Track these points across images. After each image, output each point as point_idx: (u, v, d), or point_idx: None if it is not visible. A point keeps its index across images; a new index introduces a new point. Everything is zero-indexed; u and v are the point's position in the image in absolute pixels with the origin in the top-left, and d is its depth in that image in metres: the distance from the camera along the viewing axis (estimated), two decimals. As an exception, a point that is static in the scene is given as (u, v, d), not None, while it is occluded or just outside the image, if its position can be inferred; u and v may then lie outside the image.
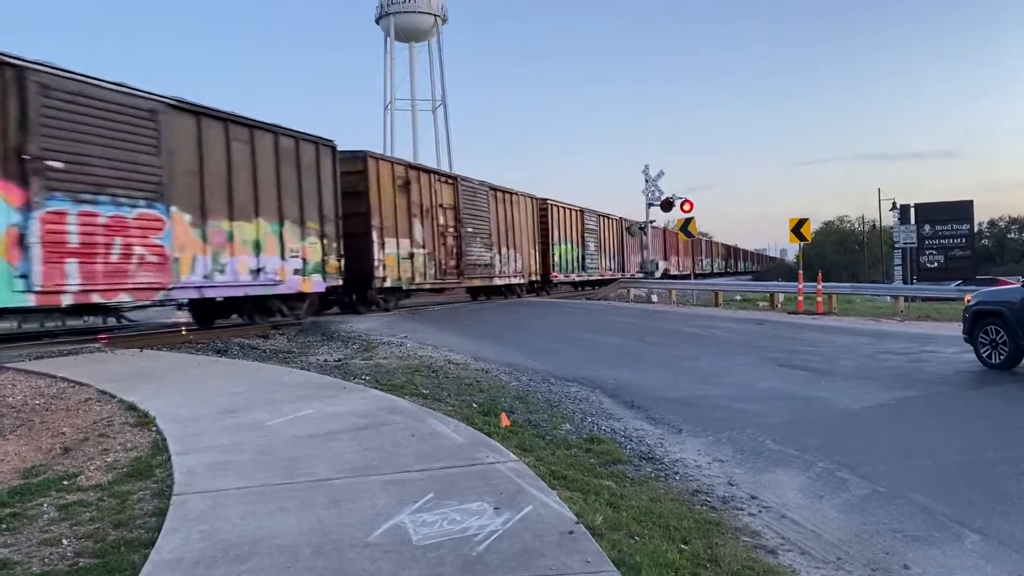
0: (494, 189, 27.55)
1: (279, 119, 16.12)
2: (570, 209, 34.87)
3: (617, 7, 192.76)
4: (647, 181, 36.24)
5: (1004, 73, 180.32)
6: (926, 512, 5.62)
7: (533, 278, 30.76)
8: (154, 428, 6.68)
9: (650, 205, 36.85)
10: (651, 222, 40.18)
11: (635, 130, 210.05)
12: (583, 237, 35.88)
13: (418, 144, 60.16)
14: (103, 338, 12.56)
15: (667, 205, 36.20)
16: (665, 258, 52.12)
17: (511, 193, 29.08)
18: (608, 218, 41.03)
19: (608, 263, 40.79)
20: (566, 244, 33.70)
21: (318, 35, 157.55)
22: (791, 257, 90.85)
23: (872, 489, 6.16)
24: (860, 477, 6.44)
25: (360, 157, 19.25)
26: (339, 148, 18.38)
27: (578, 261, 35.21)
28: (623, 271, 42.84)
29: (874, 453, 7.22)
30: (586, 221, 36.67)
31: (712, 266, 72.34)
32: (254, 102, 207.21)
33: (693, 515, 5.35)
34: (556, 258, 32.35)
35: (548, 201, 32.07)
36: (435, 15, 61.13)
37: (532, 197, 30.92)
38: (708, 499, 5.91)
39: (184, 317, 19.59)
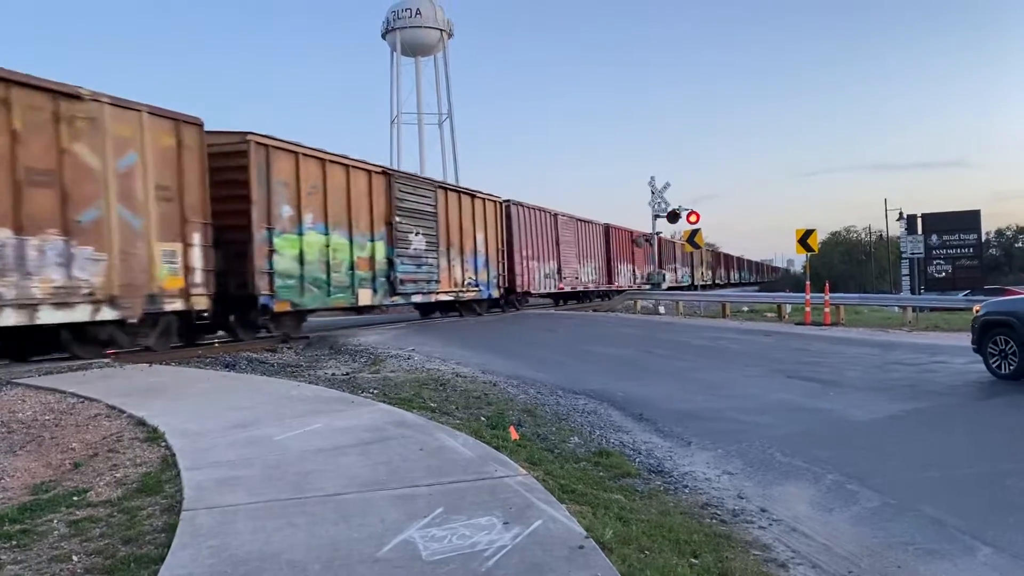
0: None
1: (286, 133, 14.90)
2: (333, 163, 17.85)
3: (622, 19, 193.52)
4: (653, 193, 36.33)
5: (1010, 82, 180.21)
6: (937, 524, 5.59)
7: (176, 304, 13.41)
8: (163, 443, 6.69)
9: (656, 217, 36.92)
10: (658, 233, 40.21)
11: (642, 142, 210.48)
12: (389, 224, 19.96)
13: (424, 157, 60.29)
14: (111, 353, 12.57)
15: (673, 217, 36.29)
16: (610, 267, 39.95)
17: (56, 93, 11.34)
18: (476, 197, 25.61)
19: (476, 270, 25.23)
20: (325, 233, 17.36)
21: (325, 50, 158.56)
22: (798, 268, 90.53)
23: (883, 501, 6.13)
24: (870, 489, 6.41)
25: None
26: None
27: (366, 270, 18.99)
28: (523, 283, 28.74)
29: (884, 465, 7.19)
30: (398, 194, 20.36)
31: (692, 277, 55.69)
32: (262, 116, 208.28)
33: (703, 529, 5.33)
34: (271, 263, 15.54)
35: (250, 138, 15.13)
36: (441, 30, 61.39)
37: (177, 119, 13.56)
38: (718, 512, 5.89)
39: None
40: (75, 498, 5.38)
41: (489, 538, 4.23)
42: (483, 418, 8.39)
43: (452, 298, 24.01)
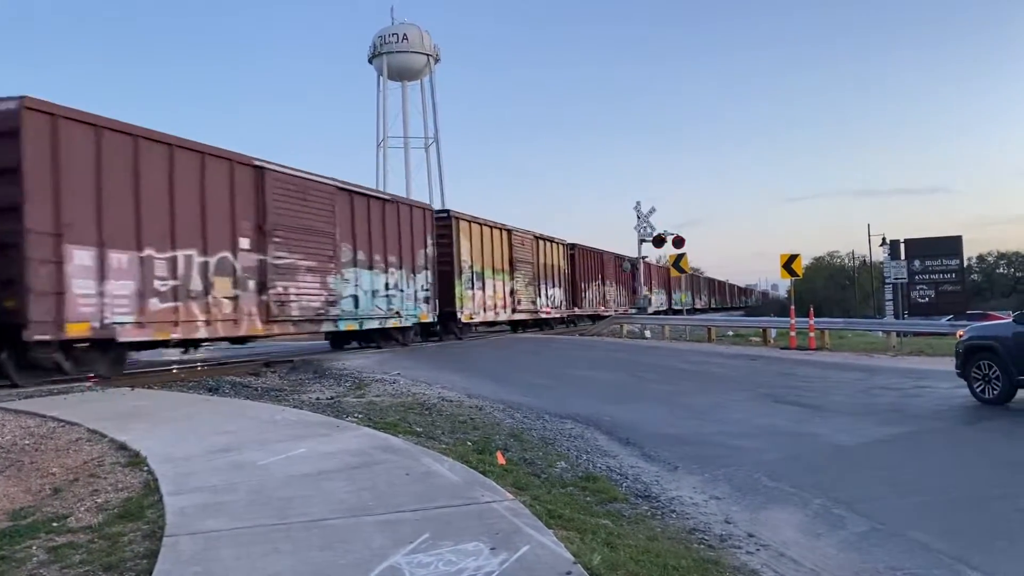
0: None
1: (274, 156, 14.30)
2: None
3: (608, 45, 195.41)
4: (639, 217, 36.51)
5: (990, 109, 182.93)
6: (925, 549, 5.58)
7: None
8: (145, 468, 6.61)
9: (642, 241, 37.08)
10: (643, 257, 40.38)
11: (627, 167, 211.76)
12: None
13: (411, 181, 60.39)
14: (92, 377, 12.40)
15: (659, 241, 36.48)
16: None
17: None
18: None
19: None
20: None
21: (312, 75, 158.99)
22: (783, 292, 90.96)
23: (870, 526, 6.12)
24: (857, 514, 6.40)
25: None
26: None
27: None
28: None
29: (871, 489, 7.19)
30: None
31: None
32: (250, 139, 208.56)
33: (691, 554, 5.30)
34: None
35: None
36: (428, 55, 61.79)
37: None
38: (705, 537, 5.86)
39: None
40: (55, 524, 5.29)
41: (476, 564, 4.18)
42: (469, 443, 8.34)
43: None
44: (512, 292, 29.04)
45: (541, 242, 32.37)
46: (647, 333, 33.56)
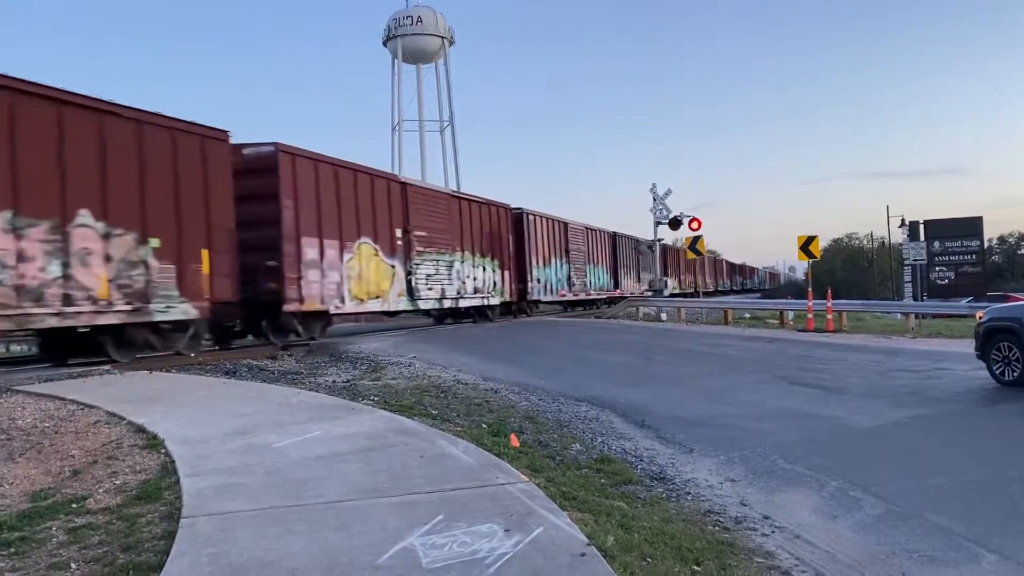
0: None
1: (289, 139, 15.49)
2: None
3: (624, 29, 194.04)
4: (655, 199, 36.32)
5: (1009, 90, 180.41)
6: (942, 532, 5.55)
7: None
8: (163, 450, 6.67)
9: (658, 223, 36.90)
10: (659, 240, 40.18)
11: (643, 148, 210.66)
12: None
13: (426, 164, 60.36)
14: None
15: (675, 223, 36.29)
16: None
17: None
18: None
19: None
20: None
21: (327, 58, 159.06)
22: (800, 275, 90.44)
23: (886, 508, 6.08)
24: (874, 496, 6.36)
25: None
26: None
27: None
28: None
29: (888, 472, 7.14)
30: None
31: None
32: (265, 124, 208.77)
33: (705, 536, 5.30)
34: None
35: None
36: (442, 37, 61.57)
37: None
38: (720, 519, 5.85)
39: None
40: (74, 505, 5.36)
41: (490, 545, 4.20)
42: (484, 425, 8.36)
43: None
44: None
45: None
46: (663, 316, 33.43)
